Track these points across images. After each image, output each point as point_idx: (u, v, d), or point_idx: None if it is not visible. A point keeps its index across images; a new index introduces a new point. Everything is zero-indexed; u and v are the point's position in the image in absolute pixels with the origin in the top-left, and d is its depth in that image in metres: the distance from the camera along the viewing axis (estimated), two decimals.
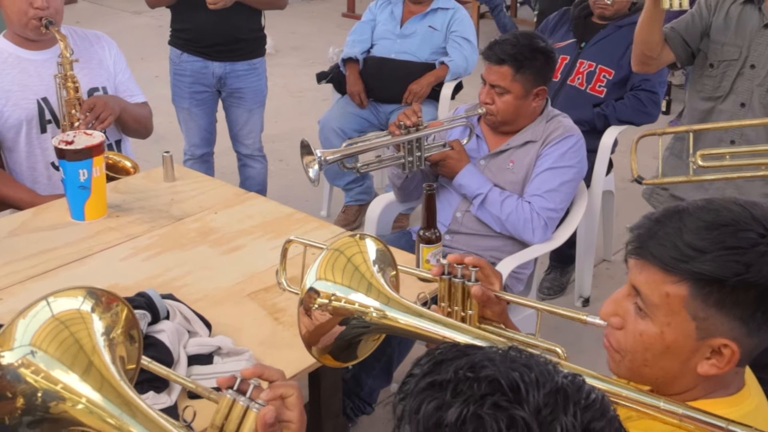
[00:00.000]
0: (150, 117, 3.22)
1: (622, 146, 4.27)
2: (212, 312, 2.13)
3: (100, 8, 9.00)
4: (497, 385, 0.92)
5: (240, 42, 3.86)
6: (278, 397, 1.31)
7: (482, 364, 0.94)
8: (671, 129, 2.71)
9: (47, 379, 1.16)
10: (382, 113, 4.36)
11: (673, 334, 1.28)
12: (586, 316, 1.44)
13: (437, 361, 0.98)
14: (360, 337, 1.53)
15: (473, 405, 0.90)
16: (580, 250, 3.83)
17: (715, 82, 2.70)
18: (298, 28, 8.26)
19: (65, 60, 2.85)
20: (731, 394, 1.34)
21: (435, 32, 4.37)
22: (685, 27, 2.75)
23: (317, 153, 2.66)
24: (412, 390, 0.96)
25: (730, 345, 1.26)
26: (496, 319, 1.56)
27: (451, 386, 0.93)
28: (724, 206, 1.28)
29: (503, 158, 2.95)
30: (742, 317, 1.24)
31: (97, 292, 1.25)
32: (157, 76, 5.72)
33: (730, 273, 1.22)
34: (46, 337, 1.17)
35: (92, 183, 2.56)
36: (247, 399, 1.28)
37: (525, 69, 2.85)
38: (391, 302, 1.46)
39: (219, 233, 2.57)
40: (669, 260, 1.25)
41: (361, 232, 1.55)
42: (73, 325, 1.20)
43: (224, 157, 4.52)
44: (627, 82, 3.75)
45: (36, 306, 1.19)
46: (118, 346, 1.25)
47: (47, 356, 1.16)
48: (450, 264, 1.52)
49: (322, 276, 1.46)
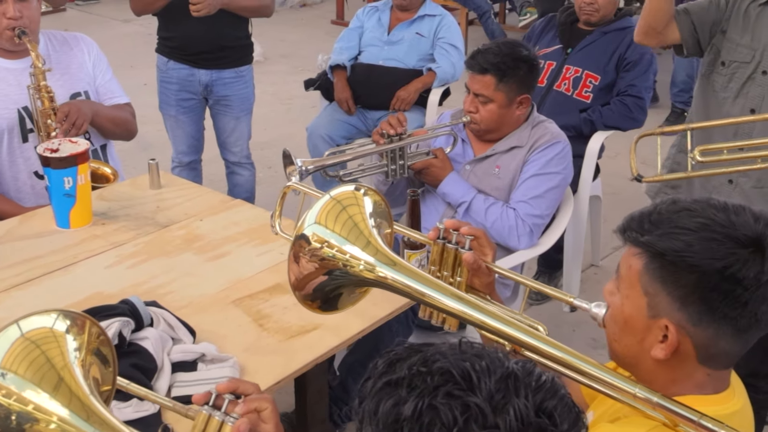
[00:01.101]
0: (132, 118, 3.18)
1: (609, 151, 4.29)
2: (197, 319, 2.12)
3: (89, 16, 9.00)
4: (449, 375, 0.95)
5: (226, 50, 3.87)
6: (253, 410, 1.32)
7: (434, 358, 0.98)
8: (669, 128, 2.70)
9: (19, 401, 1.16)
10: (370, 120, 4.36)
11: (629, 308, 1.34)
12: (573, 298, 1.46)
13: (391, 361, 1.01)
14: (345, 288, 1.53)
15: (427, 397, 0.93)
16: (567, 255, 3.85)
17: (725, 81, 2.65)
18: (287, 36, 8.27)
19: (38, 70, 2.83)
20: (715, 393, 1.36)
21: (422, 39, 4.38)
22: (698, 12, 2.67)
23: (298, 162, 2.67)
24: (369, 392, 0.99)
25: (670, 327, 1.29)
26: (483, 290, 1.59)
27: (405, 382, 0.96)
28: (708, 201, 1.32)
29: (489, 163, 2.96)
30: (681, 299, 1.27)
31: (72, 314, 1.25)
32: (146, 83, 5.70)
33: (670, 248, 1.27)
34: (16, 358, 1.17)
35: (77, 191, 2.55)
36: (222, 414, 1.29)
37: (508, 78, 2.86)
38: (380, 256, 1.46)
39: (204, 240, 2.57)
40: (633, 233, 1.33)
41: (362, 185, 1.56)
42: (45, 344, 1.20)
43: (212, 164, 4.52)
44: (613, 87, 3.77)
45: (6, 329, 1.18)
46: (92, 366, 1.26)
47: (17, 377, 1.16)
48: (446, 229, 1.53)
49: (321, 221, 1.46)
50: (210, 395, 1.31)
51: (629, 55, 3.72)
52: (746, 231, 1.26)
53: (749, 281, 1.24)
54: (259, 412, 1.33)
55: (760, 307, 1.26)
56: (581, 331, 3.66)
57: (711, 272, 1.25)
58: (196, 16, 3.59)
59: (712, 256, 1.24)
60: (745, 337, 1.30)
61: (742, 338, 1.30)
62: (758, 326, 1.29)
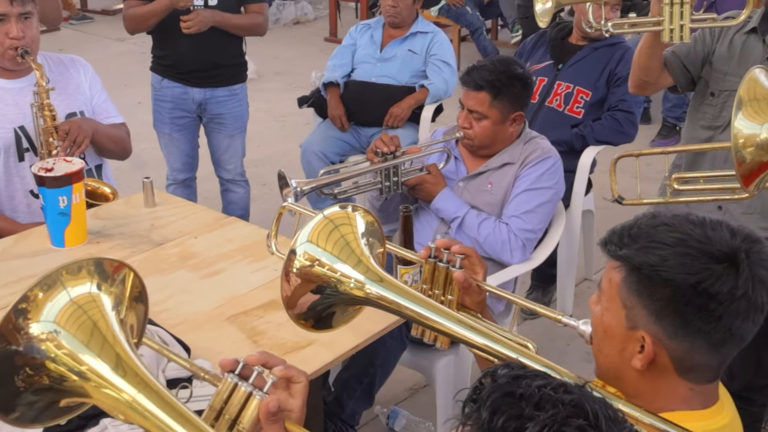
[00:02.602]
0: (127, 137, 3.21)
1: (601, 166, 4.31)
2: (192, 336, 2.14)
3: (84, 35, 9.03)
4: (580, 410, 0.96)
5: (220, 68, 3.90)
6: (288, 377, 1.29)
7: (564, 389, 0.99)
8: (647, 150, 2.71)
9: (73, 358, 1.14)
10: (364, 136, 4.39)
11: (609, 319, 1.37)
12: (562, 315, 1.47)
13: (516, 375, 1.01)
14: (337, 306, 1.54)
15: (558, 424, 0.94)
16: (561, 269, 3.86)
17: (716, 111, 2.65)
18: (281, 53, 8.31)
19: (41, 89, 2.85)
20: (703, 408, 1.37)
21: (415, 56, 4.41)
22: (686, 52, 2.67)
23: (293, 183, 2.69)
24: (486, 396, 0.99)
25: (646, 338, 1.31)
26: (475, 308, 1.60)
27: (534, 400, 0.97)
28: (687, 216, 1.34)
29: (481, 180, 2.98)
30: (657, 313, 1.29)
31: (104, 262, 1.21)
32: (140, 102, 5.73)
33: (646, 262, 1.29)
34: (69, 318, 1.15)
35: (72, 210, 2.57)
36: (249, 385, 1.24)
37: (502, 95, 2.88)
38: (371, 274, 1.47)
39: (199, 258, 2.58)
40: (613, 246, 1.35)
41: (354, 204, 1.57)
42: (90, 309, 1.17)
43: (207, 182, 4.53)
44: (604, 102, 3.80)
45: (54, 286, 1.15)
46: (128, 316, 1.22)
47: (70, 336, 1.14)
48: (437, 248, 1.55)
49: (313, 240, 1.47)
50: (237, 363, 1.26)
51: (620, 71, 3.75)
52: (721, 246, 1.28)
53: (723, 296, 1.26)
54: (291, 384, 1.29)
55: (734, 322, 1.28)
56: (575, 345, 3.67)
57: (685, 287, 1.26)
58: (187, 33, 3.62)
59: (686, 271, 1.26)
60: (721, 351, 1.31)
61: (718, 352, 1.31)
62: (733, 341, 1.30)
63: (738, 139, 1.95)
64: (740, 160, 1.95)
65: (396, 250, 1.69)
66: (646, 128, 6.00)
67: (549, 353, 3.37)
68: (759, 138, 1.95)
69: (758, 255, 1.29)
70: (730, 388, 2.69)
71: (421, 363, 2.90)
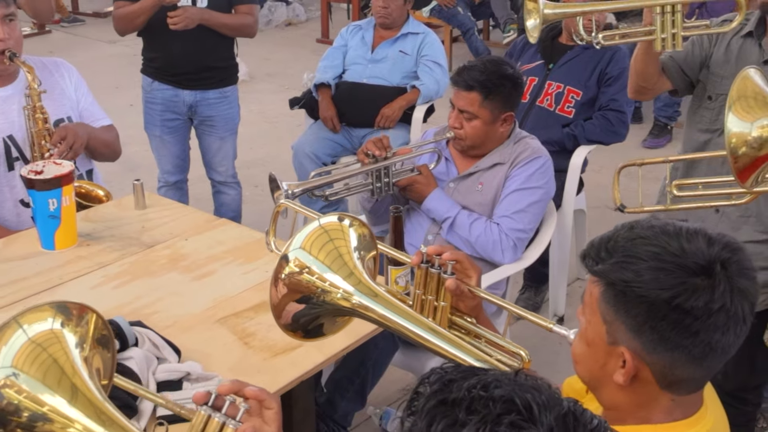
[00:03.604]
0: (117, 139, 3.20)
1: (593, 165, 4.33)
2: (182, 338, 2.13)
3: (75, 38, 9.01)
4: (512, 404, 0.95)
5: (211, 70, 3.89)
6: (260, 400, 1.29)
7: (494, 384, 0.97)
8: (650, 160, 2.69)
9: (33, 400, 1.16)
10: (355, 137, 4.39)
11: (591, 333, 1.35)
12: (552, 324, 1.47)
13: (446, 380, 1.00)
14: (325, 318, 1.54)
15: (490, 423, 0.93)
16: (553, 269, 3.86)
17: (713, 114, 2.63)
18: (273, 55, 8.30)
19: (33, 91, 2.84)
20: (685, 418, 1.35)
21: (406, 57, 4.41)
22: (684, 56, 2.66)
23: (284, 186, 2.69)
24: (422, 407, 0.99)
25: (627, 355, 1.29)
26: (469, 312, 1.59)
27: (464, 404, 0.96)
28: (664, 228, 1.31)
29: (472, 180, 2.98)
30: (635, 329, 1.27)
31: (67, 305, 1.23)
32: (132, 104, 5.72)
33: (620, 279, 1.27)
34: (27, 359, 1.17)
35: (62, 212, 2.56)
36: (222, 415, 1.24)
37: (493, 95, 2.89)
38: (361, 286, 1.48)
39: (189, 259, 2.58)
40: (590, 261, 1.33)
41: (350, 216, 1.57)
42: (50, 346, 1.19)
43: (199, 184, 4.53)
44: (595, 102, 3.80)
45: (9, 330, 1.17)
46: (94, 358, 1.24)
47: (29, 378, 1.16)
48: (429, 253, 1.55)
49: (305, 247, 1.48)
50: (210, 395, 1.26)
51: (610, 70, 3.76)
52: (697, 258, 1.24)
53: (698, 311, 1.23)
54: (264, 410, 1.29)
55: (713, 336, 1.24)
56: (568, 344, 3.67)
57: (659, 302, 1.24)
58: (174, 29, 3.60)
59: (659, 287, 1.23)
60: (704, 365, 1.28)
61: (700, 365, 1.28)
62: (714, 354, 1.27)
63: (731, 138, 1.95)
64: (735, 158, 1.96)
65: (387, 251, 1.69)
66: (637, 128, 6.01)
67: (542, 352, 3.37)
68: (750, 136, 1.95)
69: (738, 265, 1.26)
70: (724, 387, 2.70)
71: (413, 364, 2.90)
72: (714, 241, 1.27)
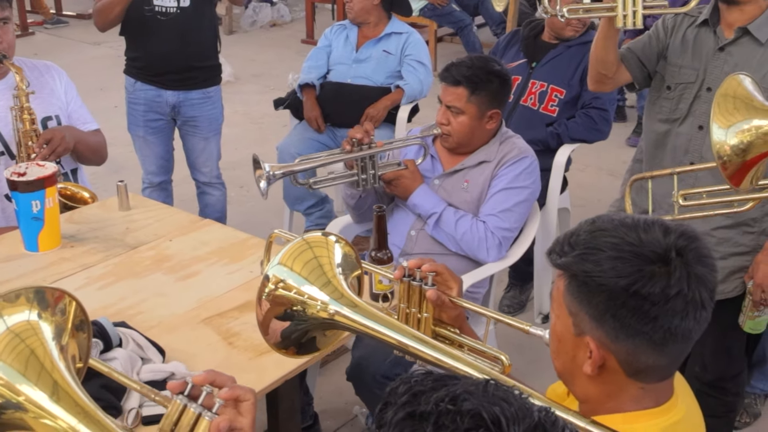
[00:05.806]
0: (104, 144, 3.20)
1: (578, 164, 4.35)
2: (167, 338, 2.13)
3: (59, 40, 8.98)
4: (479, 419, 0.94)
5: (193, 71, 3.88)
6: (235, 398, 1.28)
7: (463, 397, 0.96)
8: (658, 172, 2.69)
9: (9, 388, 1.15)
10: (340, 137, 4.37)
11: (560, 326, 1.38)
12: (529, 326, 1.48)
13: (415, 392, 0.99)
14: (314, 332, 1.54)
15: None
16: (537, 267, 3.88)
17: (673, 104, 2.70)
18: (258, 56, 8.29)
19: (21, 92, 2.84)
20: (656, 406, 1.38)
21: (390, 56, 4.42)
22: (642, 48, 2.74)
23: (266, 167, 2.69)
24: (389, 420, 0.98)
25: (592, 345, 1.33)
26: (452, 323, 1.61)
27: (432, 419, 0.95)
28: (623, 220, 1.35)
29: (458, 178, 2.99)
30: (597, 318, 1.31)
31: (45, 290, 1.23)
32: (116, 106, 5.71)
33: (581, 270, 1.31)
34: (4, 349, 1.16)
35: (45, 214, 2.55)
36: (198, 406, 1.23)
37: (480, 91, 2.90)
38: (343, 299, 1.48)
39: (174, 260, 2.57)
40: (554, 255, 1.37)
41: (334, 233, 1.57)
42: (28, 337, 1.18)
43: (184, 185, 4.52)
44: (578, 100, 3.82)
45: None
46: (69, 345, 1.23)
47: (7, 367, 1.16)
48: (410, 267, 1.56)
49: (283, 262, 1.48)
50: (186, 385, 1.25)
51: None
52: (653, 247, 1.29)
53: (656, 296, 1.26)
54: (239, 403, 1.29)
55: (672, 321, 1.28)
56: None
57: (617, 290, 1.28)
58: None
59: (617, 275, 1.27)
60: (666, 351, 1.31)
61: (663, 352, 1.31)
62: (675, 340, 1.30)
63: (714, 146, 1.98)
64: (723, 165, 1.99)
65: (371, 268, 1.70)
66: (621, 126, 6.03)
67: (527, 351, 3.38)
68: (730, 143, 1.98)
69: (695, 252, 1.30)
70: (704, 378, 2.72)
71: (401, 361, 2.89)
72: (670, 230, 1.31)
